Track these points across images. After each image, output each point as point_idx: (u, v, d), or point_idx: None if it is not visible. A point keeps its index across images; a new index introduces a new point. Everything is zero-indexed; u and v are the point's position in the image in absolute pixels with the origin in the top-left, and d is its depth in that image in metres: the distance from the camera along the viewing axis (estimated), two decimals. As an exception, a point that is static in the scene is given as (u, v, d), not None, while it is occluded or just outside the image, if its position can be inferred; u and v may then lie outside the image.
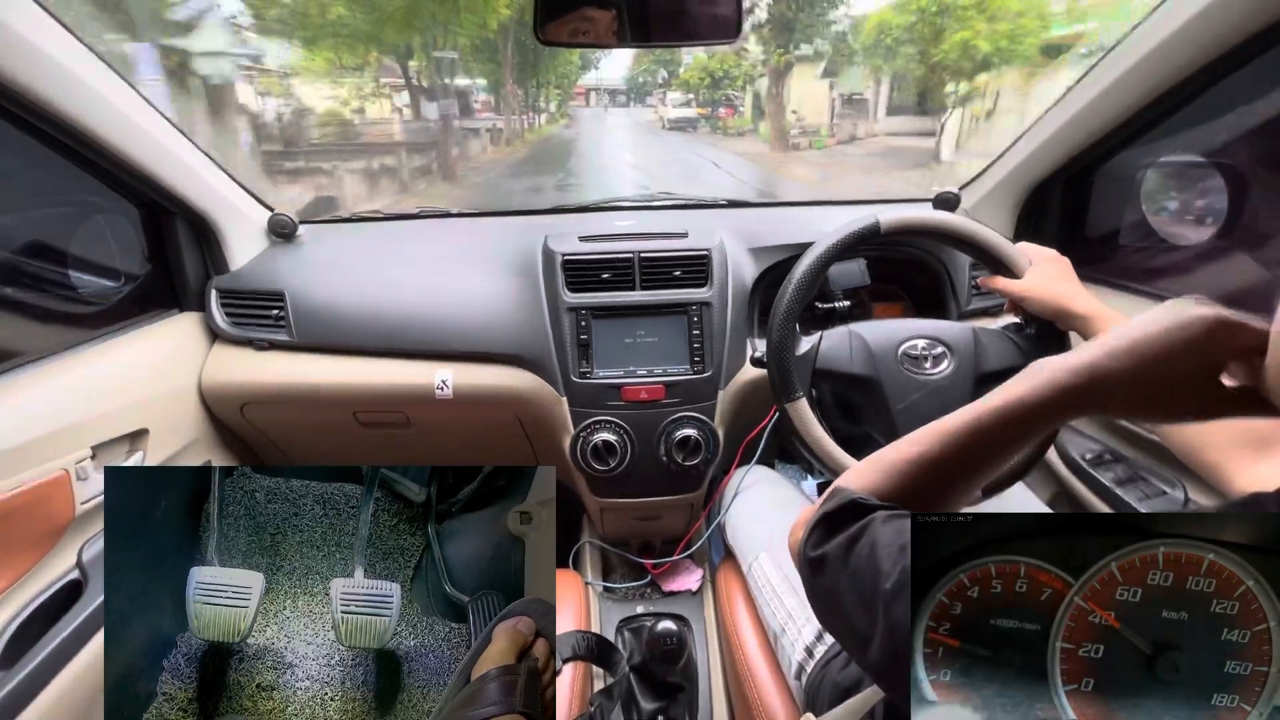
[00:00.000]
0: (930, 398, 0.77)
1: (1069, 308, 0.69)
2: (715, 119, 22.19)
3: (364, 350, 1.05)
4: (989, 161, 1.17)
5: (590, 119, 29.19)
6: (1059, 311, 0.70)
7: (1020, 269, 0.75)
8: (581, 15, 0.78)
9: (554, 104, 25.88)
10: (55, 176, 0.86)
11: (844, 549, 0.41)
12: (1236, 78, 0.78)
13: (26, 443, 0.70)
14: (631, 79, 36.84)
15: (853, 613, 0.40)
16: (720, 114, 22.51)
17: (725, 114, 22.48)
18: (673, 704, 0.97)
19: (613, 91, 38.57)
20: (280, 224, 1.14)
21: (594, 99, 38.91)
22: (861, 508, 0.44)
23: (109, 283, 0.96)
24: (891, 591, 0.37)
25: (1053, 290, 0.71)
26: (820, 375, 0.79)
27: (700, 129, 21.73)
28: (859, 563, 0.40)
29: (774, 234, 1.10)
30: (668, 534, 1.21)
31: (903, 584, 0.36)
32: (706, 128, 21.82)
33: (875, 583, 0.38)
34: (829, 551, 0.42)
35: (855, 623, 0.39)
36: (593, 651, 0.83)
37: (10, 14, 0.67)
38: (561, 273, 1.02)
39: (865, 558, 0.39)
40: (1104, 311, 0.67)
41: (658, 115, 25.68)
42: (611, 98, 38.34)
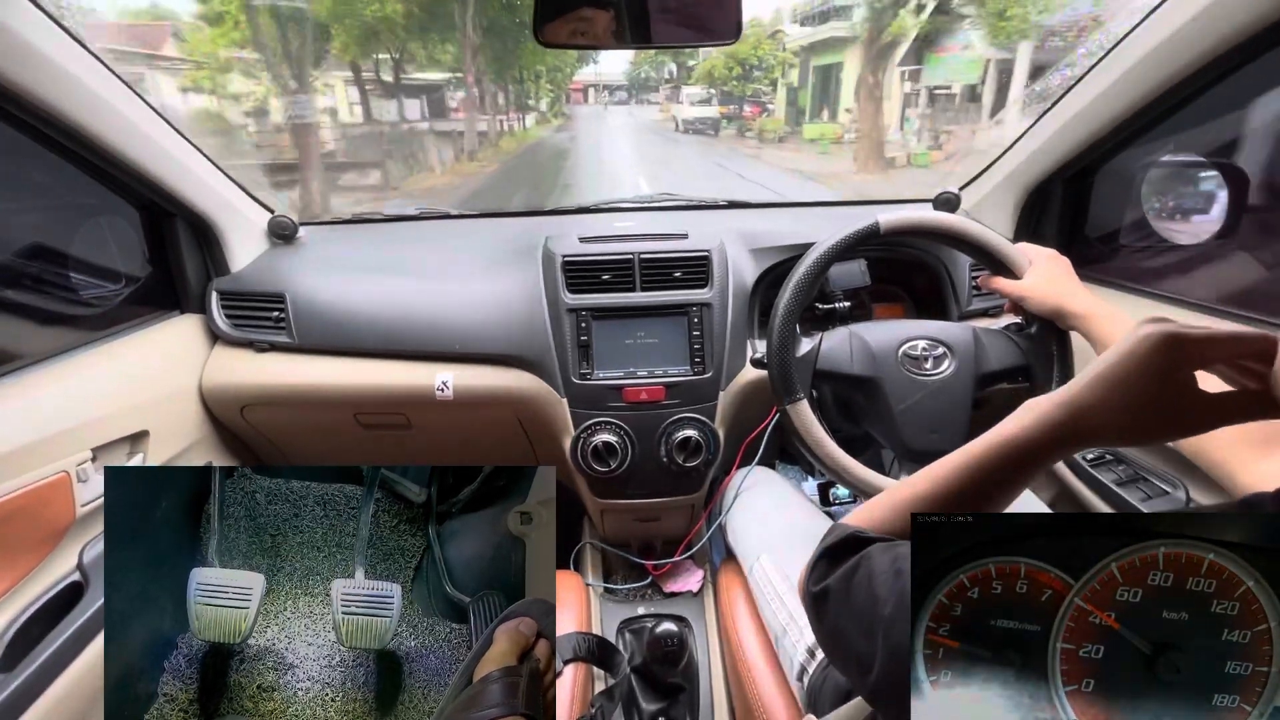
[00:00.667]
0: (931, 398, 0.77)
1: (1068, 307, 0.69)
2: (741, 119, 18.29)
3: (364, 351, 1.05)
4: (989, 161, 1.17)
5: (589, 118, 26.95)
6: (1059, 310, 0.70)
7: (1020, 269, 0.75)
8: (580, 15, 0.77)
9: (545, 101, 23.36)
10: (56, 179, 0.86)
11: (844, 581, 0.42)
12: (1237, 77, 0.78)
13: (27, 445, 0.70)
14: (633, 74, 34.30)
15: (855, 643, 0.40)
16: (745, 114, 18.41)
17: (751, 113, 18.34)
18: (674, 705, 0.96)
19: (613, 88, 36.23)
20: (281, 225, 1.14)
21: (593, 96, 36.42)
22: (860, 540, 0.45)
23: (110, 285, 0.96)
24: (890, 617, 0.37)
25: (1052, 289, 0.71)
26: (821, 376, 0.79)
27: (723, 132, 17.81)
28: (858, 593, 0.41)
29: (774, 235, 1.10)
30: (668, 535, 1.21)
31: (901, 609, 0.36)
32: (731, 130, 17.97)
33: (874, 610, 0.38)
34: (831, 585, 0.43)
35: (858, 652, 0.40)
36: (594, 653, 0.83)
37: (10, 17, 0.67)
38: (562, 274, 1.02)
39: (864, 588, 0.40)
40: (1103, 310, 0.67)
41: (668, 115, 22.97)
42: (612, 94, 35.82)
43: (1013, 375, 0.79)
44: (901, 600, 0.37)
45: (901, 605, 0.36)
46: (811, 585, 0.45)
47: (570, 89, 31.11)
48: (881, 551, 0.42)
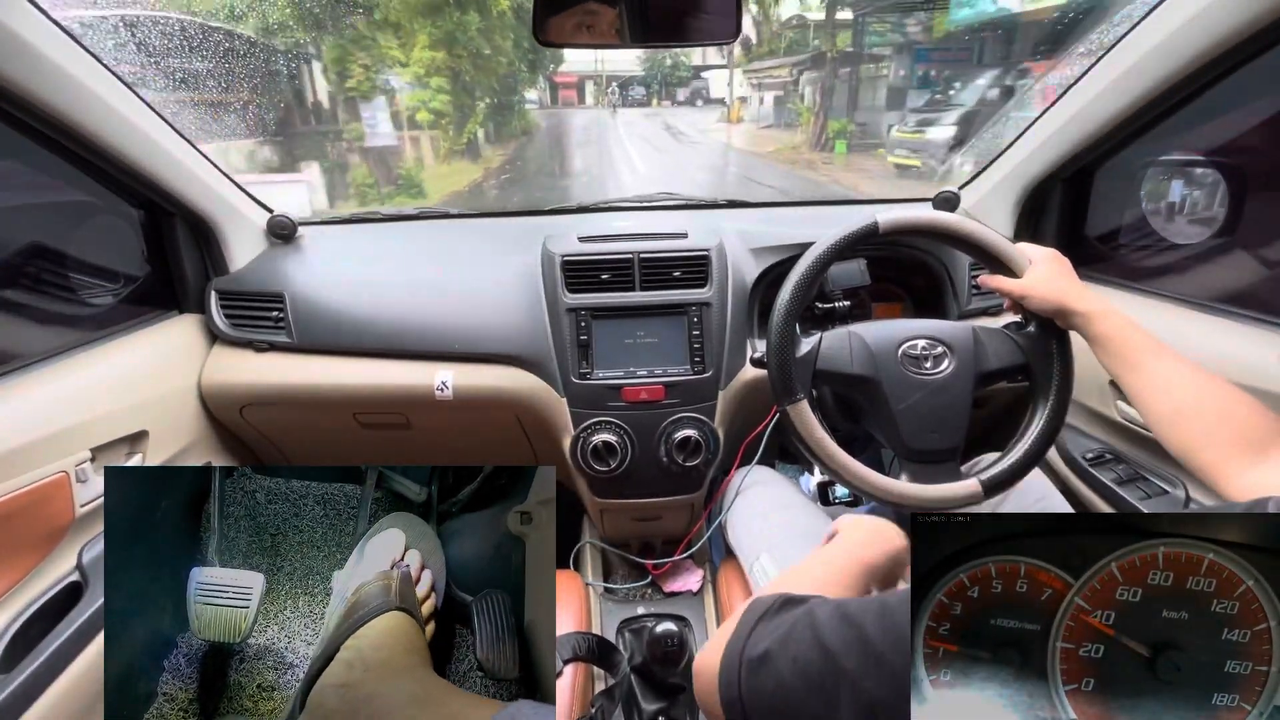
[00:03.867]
0: (931, 397, 0.77)
1: (1069, 305, 0.69)
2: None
3: (363, 351, 1.05)
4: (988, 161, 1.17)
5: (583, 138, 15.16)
6: (1059, 309, 0.70)
7: (1019, 267, 0.75)
8: (585, 9, 0.76)
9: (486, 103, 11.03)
10: (55, 178, 0.86)
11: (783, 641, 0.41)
12: (1236, 77, 0.78)
13: (26, 445, 0.70)
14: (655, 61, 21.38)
15: (806, 702, 0.38)
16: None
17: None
18: (673, 705, 0.96)
19: (625, 82, 22.77)
20: (280, 225, 1.14)
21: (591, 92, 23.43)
22: (793, 599, 0.45)
23: (109, 284, 0.96)
24: (856, 671, 0.36)
25: (1053, 288, 0.71)
26: (821, 377, 0.79)
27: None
28: (801, 649, 0.40)
29: (774, 234, 1.10)
30: (668, 535, 1.21)
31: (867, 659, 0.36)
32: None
33: (827, 664, 0.38)
34: (770, 648, 0.41)
35: (813, 711, 0.38)
36: (593, 652, 0.83)
37: (9, 17, 0.67)
38: (561, 273, 1.02)
39: (808, 642, 0.40)
40: (1103, 308, 0.67)
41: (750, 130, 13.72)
42: (623, 92, 22.81)
43: (1012, 374, 0.79)
44: (865, 649, 0.36)
45: (866, 654, 0.36)
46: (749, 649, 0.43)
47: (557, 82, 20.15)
48: (821, 605, 0.42)
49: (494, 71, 10.84)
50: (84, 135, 0.79)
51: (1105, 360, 0.67)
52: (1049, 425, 0.76)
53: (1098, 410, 0.97)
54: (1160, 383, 0.61)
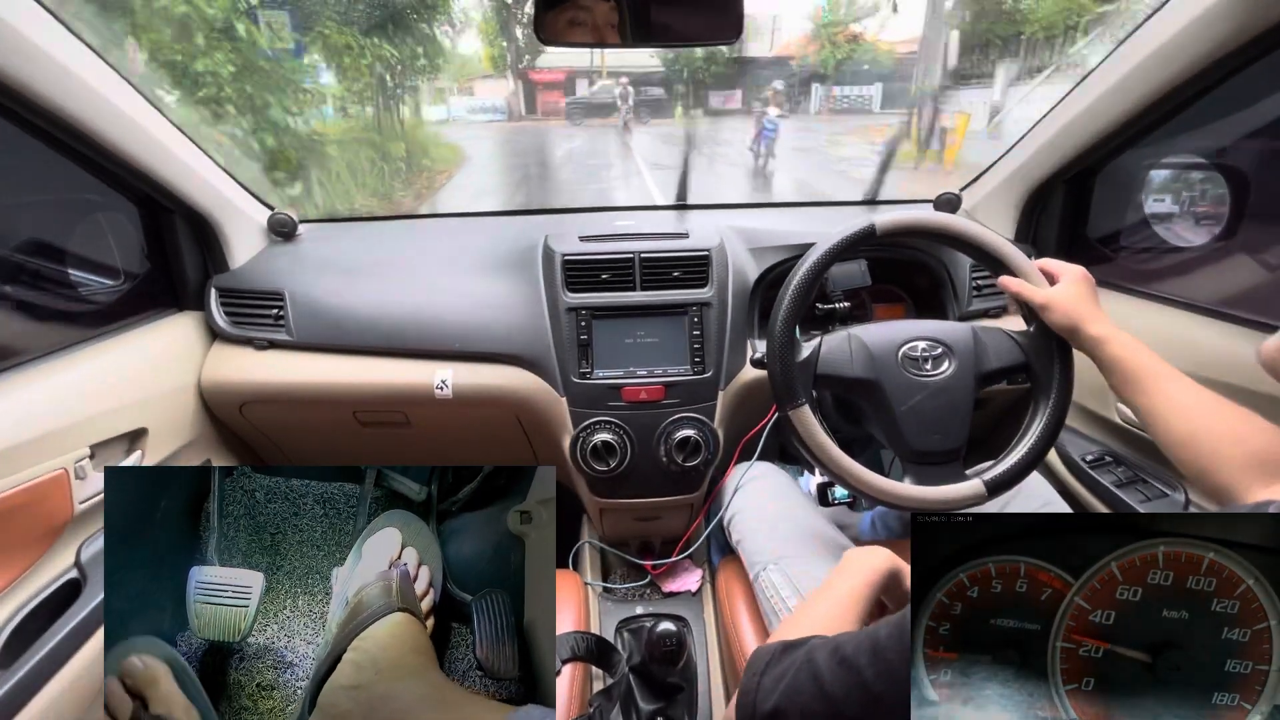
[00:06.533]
0: (932, 398, 0.77)
1: (1085, 328, 0.69)
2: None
3: (363, 350, 1.04)
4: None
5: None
6: (1075, 330, 0.70)
7: (1017, 269, 0.75)
8: (578, 4, 0.75)
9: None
10: (54, 174, 0.86)
11: (789, 694, 0.43)
12: (1238, 80, 0.78)
13: (25, 441, 0.70)
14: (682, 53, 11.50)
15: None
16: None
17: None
18: (672, 705, 0.96)
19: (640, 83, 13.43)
20: (280, 223, 1.14)
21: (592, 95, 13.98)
22: (791, 645, 0.47)
23: (108, 281, 0.96)
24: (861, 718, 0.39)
25: (1076, 309, 0.71)
26: (822, 380, 0.79)
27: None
28: (805, 699, 0.42)
29: (774, 234, 1.10)
30: (667, 534, 1.21)
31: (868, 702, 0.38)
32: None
33: (830, 713, 0.41)
34: (780, 704, 0.44)
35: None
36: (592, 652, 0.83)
37: (10, 12, 0.67)
38: (561, 273, 1.02)
39: (811, 693, 0.42)
40: (1117, 336, 0.67)
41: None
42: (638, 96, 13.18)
43: (1013, 373, 0.79)
44: (865, 695, 0.39)
45: (866, 699, 0.39)
46: (762, 705, 0.45)
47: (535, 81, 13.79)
48: (820, 648, 0.44)
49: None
50: (83, 131, 0.79)
51: (1116, 385, 0.67)
52: (1051, 423, 0.76)
53: (1097, 412, 0.97)
54: (1173, 406, 0.61)
